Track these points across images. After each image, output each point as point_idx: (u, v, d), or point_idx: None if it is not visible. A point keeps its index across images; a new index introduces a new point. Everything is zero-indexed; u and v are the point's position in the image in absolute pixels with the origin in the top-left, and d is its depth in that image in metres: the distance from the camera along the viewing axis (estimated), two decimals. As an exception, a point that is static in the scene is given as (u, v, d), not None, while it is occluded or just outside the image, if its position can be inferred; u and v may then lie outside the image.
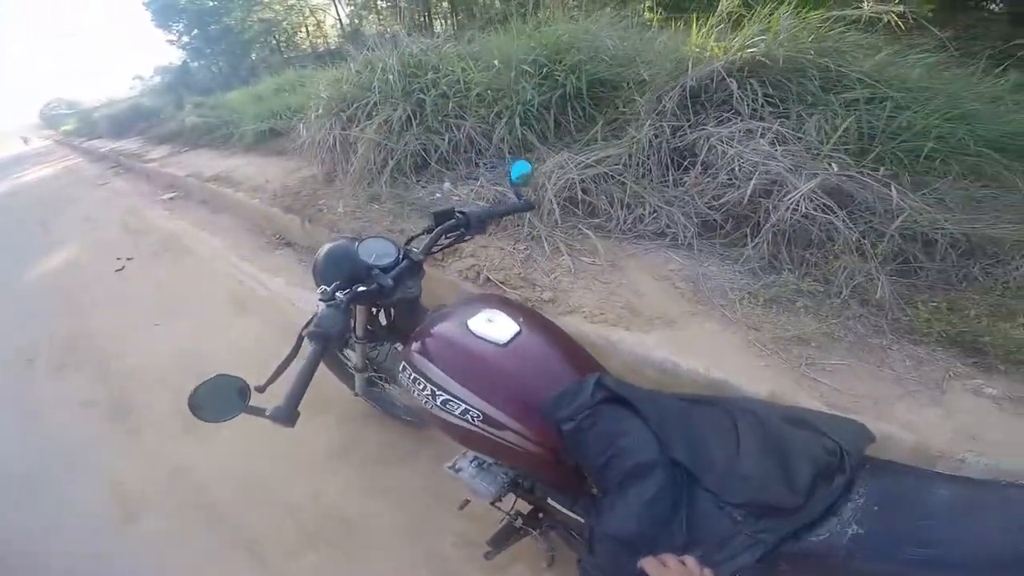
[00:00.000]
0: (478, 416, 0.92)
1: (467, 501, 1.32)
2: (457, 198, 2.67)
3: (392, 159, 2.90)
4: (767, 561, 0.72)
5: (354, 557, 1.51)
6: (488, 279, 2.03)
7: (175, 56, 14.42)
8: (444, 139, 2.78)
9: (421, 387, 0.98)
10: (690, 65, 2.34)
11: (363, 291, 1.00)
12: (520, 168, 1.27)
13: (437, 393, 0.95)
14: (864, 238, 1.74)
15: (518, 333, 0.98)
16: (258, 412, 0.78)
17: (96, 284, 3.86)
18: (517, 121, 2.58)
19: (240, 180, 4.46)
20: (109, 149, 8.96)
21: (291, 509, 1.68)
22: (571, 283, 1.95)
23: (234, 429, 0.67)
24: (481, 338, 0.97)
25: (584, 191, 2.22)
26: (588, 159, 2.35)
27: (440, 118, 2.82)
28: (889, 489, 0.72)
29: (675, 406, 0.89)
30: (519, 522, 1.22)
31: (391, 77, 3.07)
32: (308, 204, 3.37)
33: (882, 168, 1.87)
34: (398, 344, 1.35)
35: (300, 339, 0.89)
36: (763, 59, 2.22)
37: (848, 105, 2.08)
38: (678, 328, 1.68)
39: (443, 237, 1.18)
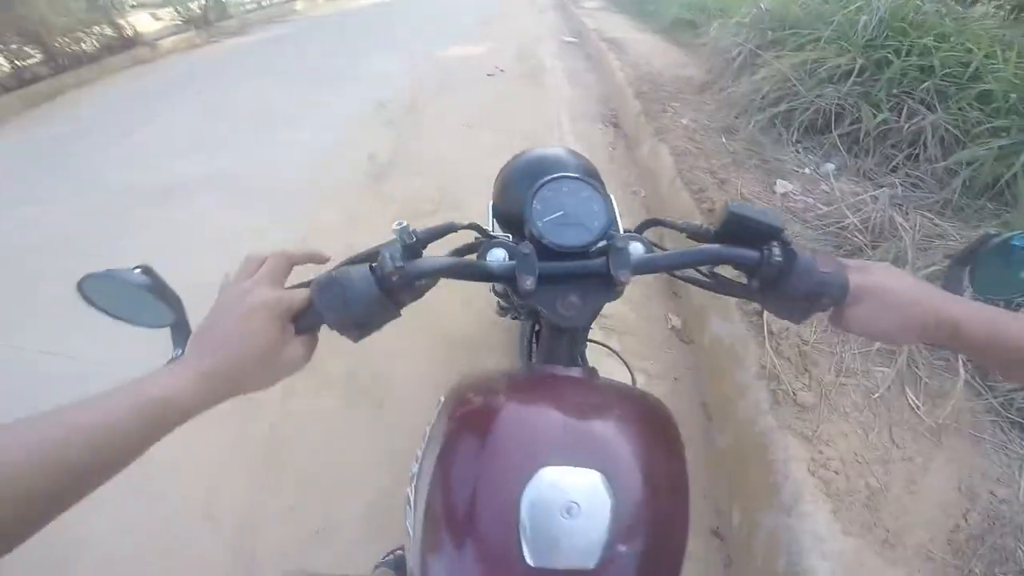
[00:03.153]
0: None
1: None
2: (821, 192, 1.99)
3: (787, 101, 2.31)
4: None
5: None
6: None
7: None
8: (878, 114, 2.03)
9: None
10: None
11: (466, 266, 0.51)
12: None
13: None
14: None
15: None
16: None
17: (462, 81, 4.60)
18: None
19: (628, 52, 4.39)
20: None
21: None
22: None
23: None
24: None
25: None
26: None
27: (895, 90, 2.04)
28: None
29: None
30: None
31: (865, 19, 2.31)
32: (659, 100, 3.06)
33: None
34: None
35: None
36: None
37: None
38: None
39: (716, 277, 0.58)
